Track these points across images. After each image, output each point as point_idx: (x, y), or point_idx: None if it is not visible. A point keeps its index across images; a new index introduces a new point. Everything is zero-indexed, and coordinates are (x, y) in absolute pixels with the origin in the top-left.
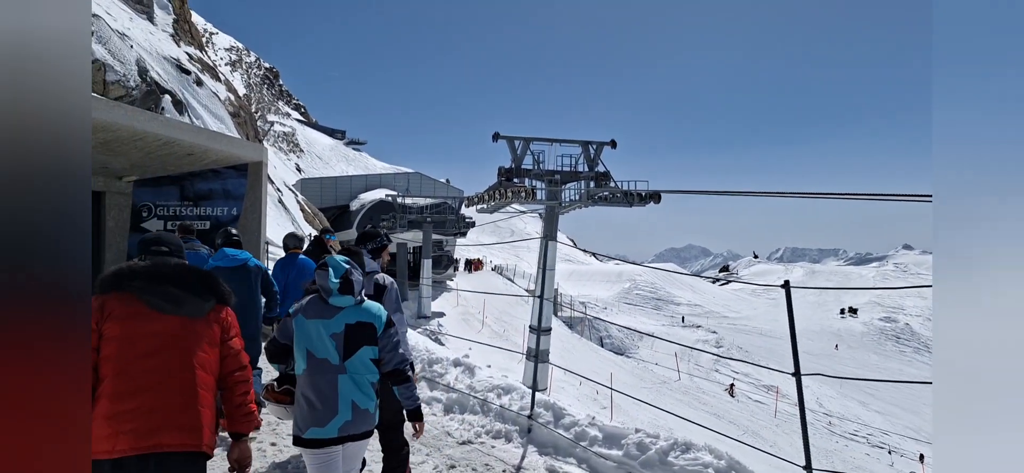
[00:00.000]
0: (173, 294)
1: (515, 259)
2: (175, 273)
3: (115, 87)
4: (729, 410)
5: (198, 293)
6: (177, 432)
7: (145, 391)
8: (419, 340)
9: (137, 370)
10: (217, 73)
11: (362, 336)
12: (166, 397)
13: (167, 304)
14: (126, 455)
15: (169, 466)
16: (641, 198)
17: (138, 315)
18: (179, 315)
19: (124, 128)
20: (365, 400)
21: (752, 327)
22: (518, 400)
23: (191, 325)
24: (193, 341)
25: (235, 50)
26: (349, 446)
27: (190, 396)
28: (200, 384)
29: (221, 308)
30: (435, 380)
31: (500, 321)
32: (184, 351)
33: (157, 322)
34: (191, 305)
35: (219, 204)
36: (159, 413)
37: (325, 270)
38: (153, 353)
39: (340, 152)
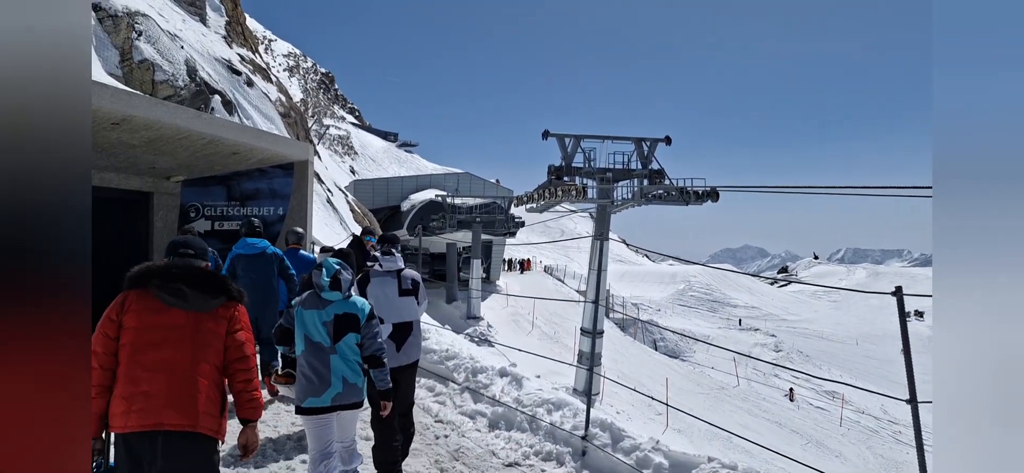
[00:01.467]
0: (182, 291)
1: (565, 259)
2: (186, 272)
3: (163, 87)
4: (791, 417)
5: (205, 290)
6: (177, 414)
7: (153, 376)
8: (463, 346)
9: (148, 358)
10: (269, 74)
11: (347, 324)
12: (170, 383)
13: (177, 300)
14: (135, 431)
15: (170, 443)
16: (698, 196)
17: (152, 309)
18: (187, 310)
19: (168, 127)
20: (354, 376)
21: (813, 330)
22: (570, 417)
23: (198, 319)
24: (199, 334)
25: (293, 56)
26: (342, 415)
27: (191, 383)
28: (201, 373)
29: (230, 304)
30: (479, 391)
31: (551, 322)
32: (189, 342)
33: (167, 316)
34: (198, 301)
35: (266, 204)
36: (163, 396)
37: (319, 270)
38: (162, 343)
39: (393, 154)
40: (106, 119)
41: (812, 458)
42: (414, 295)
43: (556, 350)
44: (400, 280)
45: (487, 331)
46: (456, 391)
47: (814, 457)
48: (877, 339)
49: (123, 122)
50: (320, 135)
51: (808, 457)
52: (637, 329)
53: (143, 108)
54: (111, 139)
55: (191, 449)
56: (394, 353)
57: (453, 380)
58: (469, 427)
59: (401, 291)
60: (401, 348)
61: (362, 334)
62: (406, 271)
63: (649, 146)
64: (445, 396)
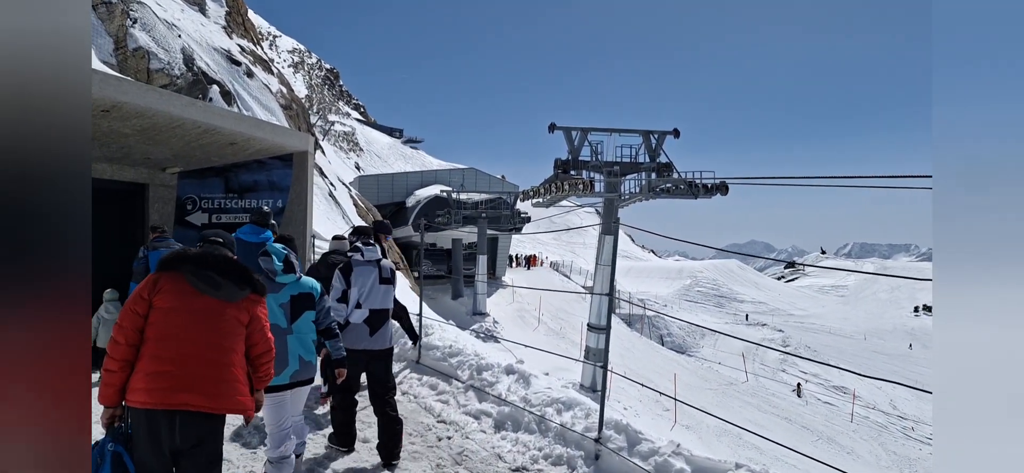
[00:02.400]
0: (214, 279)
1: (571, 255)
2: (219, 261)
3: (159, 76)
4: (800, 413)
5: (235, 281)
6: (199, 395)
7: (178, 357)
8: (467, 342)
9: (175, 338)
10: (270, 66)
11: (304, 303)
12: (194, 365)
13: (208, 286)
14: (156, 408)
15: (190, 422)
16: (707, 189)
17: (183, 292)
18: (217, 297)
19: (160, 114)
20: (308, 354)
21: (820, 326)
22: (582, 418)
23: (225, 307)
24: (225, 321)
25: (297, 52)
26: (296, 391)
27: (214, 367)
28: (225, 358)
29: (255, 298)
30: (484, 390)
31: (557, 318)
32: (215, 328)
33: (197, 300)
34: (228, 290)
35: (264, 196)
36: (187, 377)
37: (268, 256)
38: (190, 326)
39: (398, 150)
40: (95, 106)
41: (823, 454)
42: (392, 284)
43: (562, 346)
44: (380, 269)
45: (493, 327)
46: (460, 389)
47: (826, 453)
48: (885, 334)
49: (113, 109)
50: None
51: (819, 453)
52: (643, 324)
53: (133, 94)
54: (102, 127)
55: (208, 428)
56: (367, 336)
57: (457, 378)
58: (473, 428)
59: (381, 279)
60: (374, 333)
61: (317, 310)
62: (384, 261)
63: (657, 139)
64: (448, 395)
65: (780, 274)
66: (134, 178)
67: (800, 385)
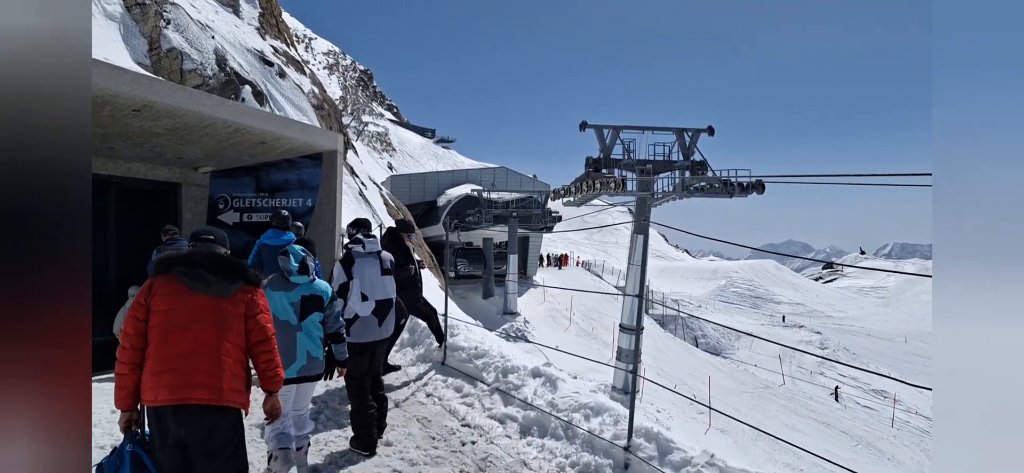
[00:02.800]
0: (204, 276)
1: (603, 255)
2: (207, 259)
3: (192, 76)
4: (839, 418)
5: (225, 276)
6: (203, 389)
7: (180, 355)
8: (493, 343)
9: (175, 338)
10: (302, 67)
11: (313, 305)
12: (196, 360)
13: (199, 285)
14: (164, 404)
15: (196, 415)
16: (743, 188)
17: (178, 293)
18: (209, 294)
19: (191, 114)
20: (316, 350)
21: (859, 328)
22: (611, 425)
23: (219, 302)
24: (220, 315)
25: (332, 54)
26: (302, 386)
27: (215, 360)
28: (224, 351)
29: (249, 289)
30: (510, 393)
31: (588, 318)
32: (212, 323)
33: (192, 299)
34: (218, 286)
35: (294, 195)
36: (189, 373)
37: (286, 256)
38: (187, 324)
39: (430, 150)
40: (127, 105)
41: (863, 461)
42: (392, 275)
43: (594, 346)
44: (381, 260)
45: (523, 327)
46: (485, 392)
47: (866, 460)
48: (927, 336)
49: (144, 108)
50: (359, 132)
51: (859, 460)
52: (677, 325)
53: (164, 94)
54: (134, 127)
55: (215, 420)
56: (375, 327)
57: (482, 380)
58: (498, 432)
59: (383, 271)
60: (382, 323)
61: (325, 313)
62: (384, 253)
63: (691, 137)
64: (473, 397)
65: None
66: (167, 177)
67: (837, 389)
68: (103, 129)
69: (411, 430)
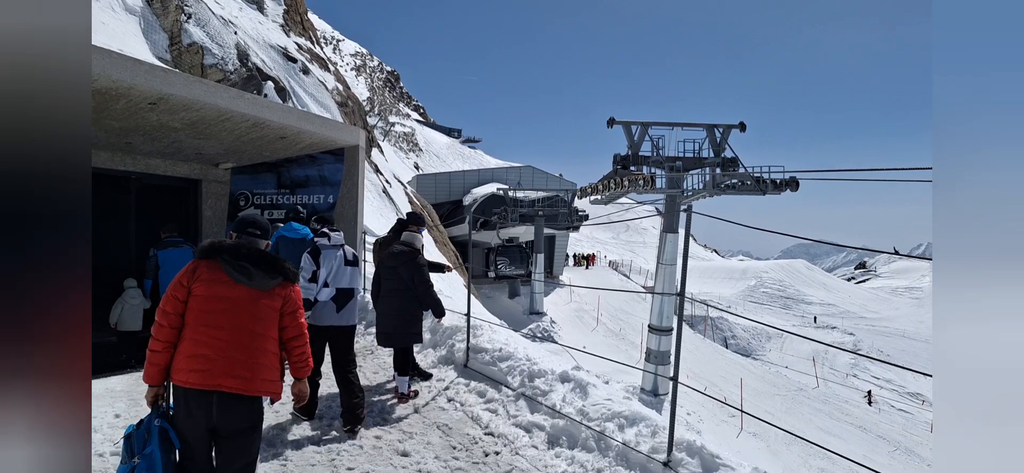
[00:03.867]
0: (248, 269)
1: (631, 254)
2: (252, 253)
3: (213, 71)
4: (875, 422)
5: (266, 271)
6: (233, 378)
7: (215, 342)
8: (518, 345)
9: (212, 324)
10: (327, 64)
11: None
12: (229, 349)
13: (241, 276)
14: (195, 388)
15: (225, 403)
16: (776, 185)
17: (219, 281)
18: (250, 286)
19: (208, 107)
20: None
21: (893, 329)
22: (648, 436)
23: (258, 295)
24: (258, 308)
25: (359, 55)
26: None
27: (248, 351)
28: (258, 343)
29: (286, 285)
30: (537, 399)
31: (616, 319)
32: (249, 315)
33: (232, 289)
34: (260, 280)
35: (316, 191)
36: (222, 361)
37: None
38: (225, 312)
39: (456, 150)
40: (142, 98)
41: (901, 467)
42: (355, 266)
43: (622, 347)
44: (344, 253)
45: (550, 327)
46: (510, 398)
47: (903, 466)
48: None
49: (160, 101)
50: (385, 132)
51: (896, 466)
52: (707, 326)
53: (180, 86)
54: (151, 121)
55: (244, 409)
56: (334, 313)
57: (507, 385)
58: (524, 442)
59: (346, 262)
60: (340, 310)
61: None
62: (347, 246)
63: (722, 133)
64: (497, 403)
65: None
66: (187, 174)
67: (870, 392)
68: (120, 123)
69: (430, 438)
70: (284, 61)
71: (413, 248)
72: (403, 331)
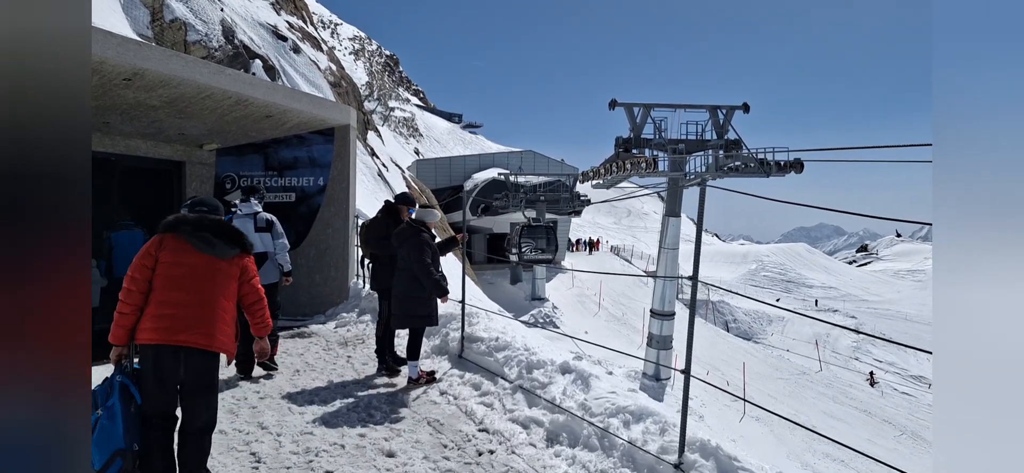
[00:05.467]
0: (210, 239)
1: (632, 239)
2: (212, 225)
3: (197, 48)
4: (880, 406)
5: (226, 242)
6: (194, 334)
7: (178, 303)
8: (517, 333)
9: (176, 287)
10: (320, 44)
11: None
12: (191, 309)
13: (204, 246)
14: (160, 344)
15: (188, 357)
16: (780, 167)
17: (184, 250)
18: (210, 255)
19: (187, 83)
20: None
21: (896, 312)
22: (656, 434)
23: (218, 264)
24: (217, 275)
25: (358, 39)
26: None
27: (209, 312)
28: (217, 305)
29: (244, 256)
30: (535, 392)
31: (618, 304)
32: (210, 281)
33: (195, 257)
34: (221, 249)
35: (305, 173)
36: (184, 319)
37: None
38: (188, 277)
39: (457, 135)
40: (116, 74)
41: (908, 451)
42: (268, 232)
43: (624, 331)
44: (256, 221)
45: (552, 313)
46: (507, 391)
47: (910, 450)
48: None
49: (135, 77)
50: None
51: (903, 450)
52: (708, 310)
53: (156, 61)
54: (128, 99)
55: (206, 363)
56: None
57: (504, 377)
58: (521, 440)
59: (257, 228)
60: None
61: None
62: (261, 214)
63: (725, 114)
64: (493, 397)
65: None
66: (170, 155)
67: (872, 373)
68: (95, 101)
69: (420, 436)
70: (274, 39)
71: (413, 225)
72: (406, 312)
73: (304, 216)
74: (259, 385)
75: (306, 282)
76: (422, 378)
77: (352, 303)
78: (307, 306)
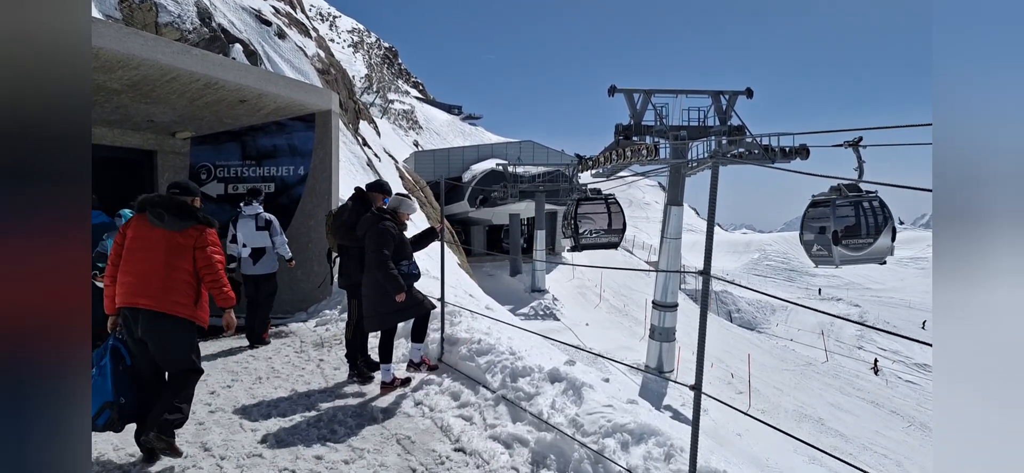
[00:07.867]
0: (161, 214)
1: (633, 230)
2: (165, 201)
3: (169, 30)
4: (887, 396)
5: (177, 215)
6: (147, 297)
7: (135, 270)
8: (502, 335)
9: (135, 258)
10: (308, 30)
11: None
12: (146, 277)
13: (157, 220)
14: (123, 306)
15: (143, 317)
16: (784, 153)
17: (143, 226)
18: (164, 227)
19: (148, 64)
20: None
21: (899, 299)
22: (661, 460)
23: (171, 235)
24: (171, 245)
25: (357, 32)
26: None
27: (159, 277)
28: (172, 272)
29: (201, 228)
30: (520, 405)
31: (619, 295)
32: (164, 250)
33: (151, 231)
34: (171, 222)
35: (285, 163)
36: (139, 285)
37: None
38: (144, 249)
39: (457, 127)
40: None
41: (917, 443)
42: (267, 230)
43: (625, 323)
44: (257, 220)
45: (553, 305)
46: (489, 402)
47: (919, 441)
48: None
49: None
50: (384, 109)
51: (913, 442)
52: (711, 300)
53: (110, 39)
54: None
55: (161, 323)
56: (251, 265)
57: (486, 385)
58: (502, 463)
59: (257, 227)
60: (256, 263)
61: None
62: (262, 214)
63: (728, 100)
64: (473, 409)
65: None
66: (140, 144)
67: (876, 361)
68: None
69: (386, 457)
70: (257, 24)
71: (376, 213)
72: (377, 310)
73: (284, 207)
74: (213, 397)
75: (288, 278)
76: (396, 383)
77: (335, 299)
78: (289, 303)
